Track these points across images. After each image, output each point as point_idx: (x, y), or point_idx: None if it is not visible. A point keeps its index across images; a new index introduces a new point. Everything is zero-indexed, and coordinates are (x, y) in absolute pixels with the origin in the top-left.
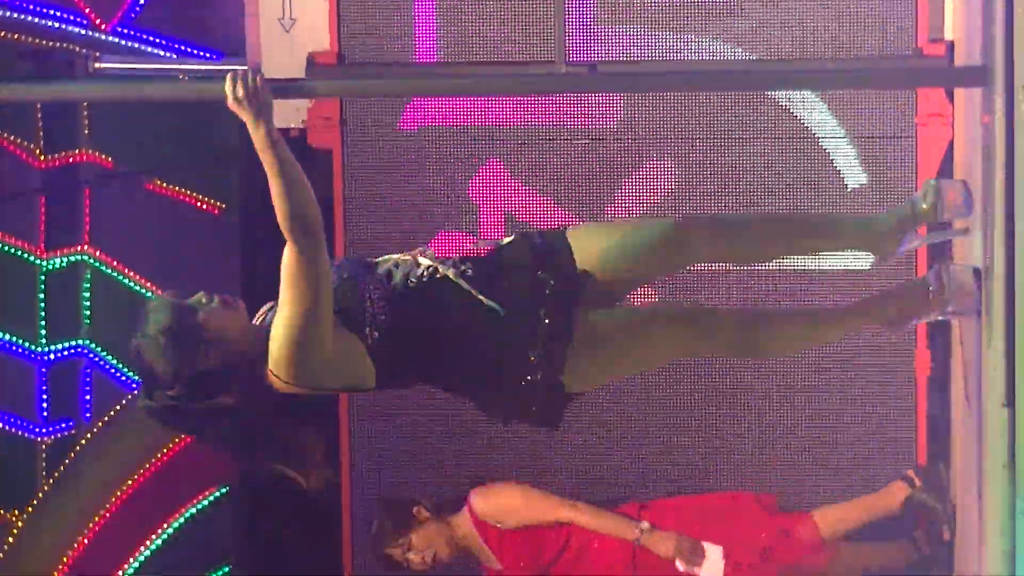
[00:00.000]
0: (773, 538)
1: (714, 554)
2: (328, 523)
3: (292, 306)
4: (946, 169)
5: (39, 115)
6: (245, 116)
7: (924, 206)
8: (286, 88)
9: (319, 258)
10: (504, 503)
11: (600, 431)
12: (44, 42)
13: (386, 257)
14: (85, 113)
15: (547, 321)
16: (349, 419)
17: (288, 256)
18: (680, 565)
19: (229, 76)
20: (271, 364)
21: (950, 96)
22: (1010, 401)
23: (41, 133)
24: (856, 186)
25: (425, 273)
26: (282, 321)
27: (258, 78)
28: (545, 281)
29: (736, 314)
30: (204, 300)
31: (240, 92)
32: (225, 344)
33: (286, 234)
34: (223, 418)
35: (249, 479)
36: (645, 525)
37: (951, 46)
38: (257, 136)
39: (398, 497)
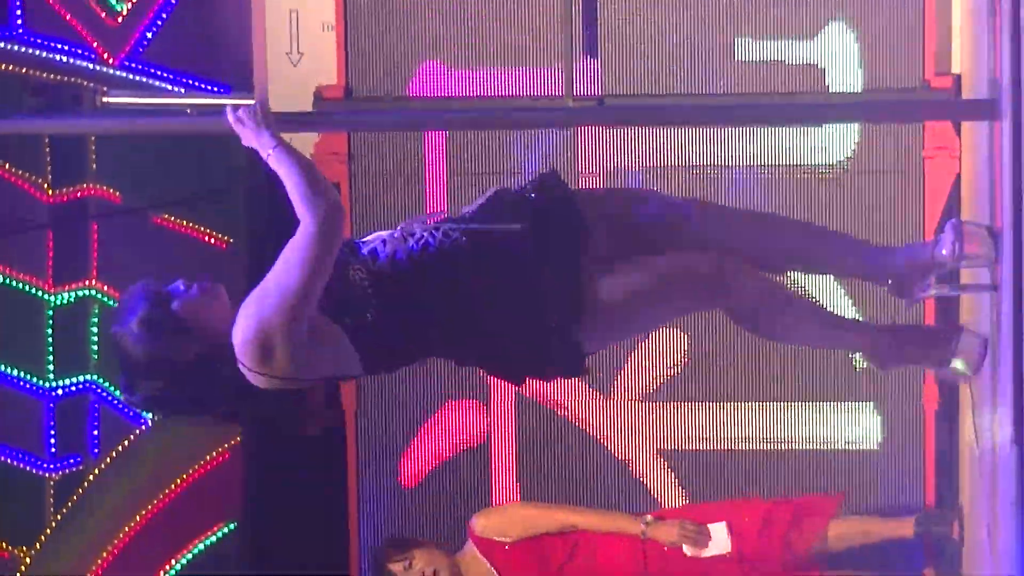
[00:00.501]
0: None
1: (719, 532)
2: (335, 560)
3: (286, 281)
4: (953, 202)
5: (47, 149)
6: (248, 131)
7: (944, 251)
8: (293, 122)
9: (335, 242)
10: (504, 516)
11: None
12: (52, 76)
13: (373, 235)
14: (93, 147)
15: (553, 283)
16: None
17: (303, 236)
18: (687, 550)
19: (229, 107)
20: (239, 348)
21: (957, 130)
22: (1019, 438)
23: (49, 167)
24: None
25: (416, 245)
26: (265, 297)
27: (257, 107)
28: (547, 241)
29: (763, 284)
30: (182, 287)
31: (240, 112)
32: (203, 331)
33: (311, 220)
34: (211, 392)
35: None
36: (648, 518)
37: (958, 79)
38: (263, 142)
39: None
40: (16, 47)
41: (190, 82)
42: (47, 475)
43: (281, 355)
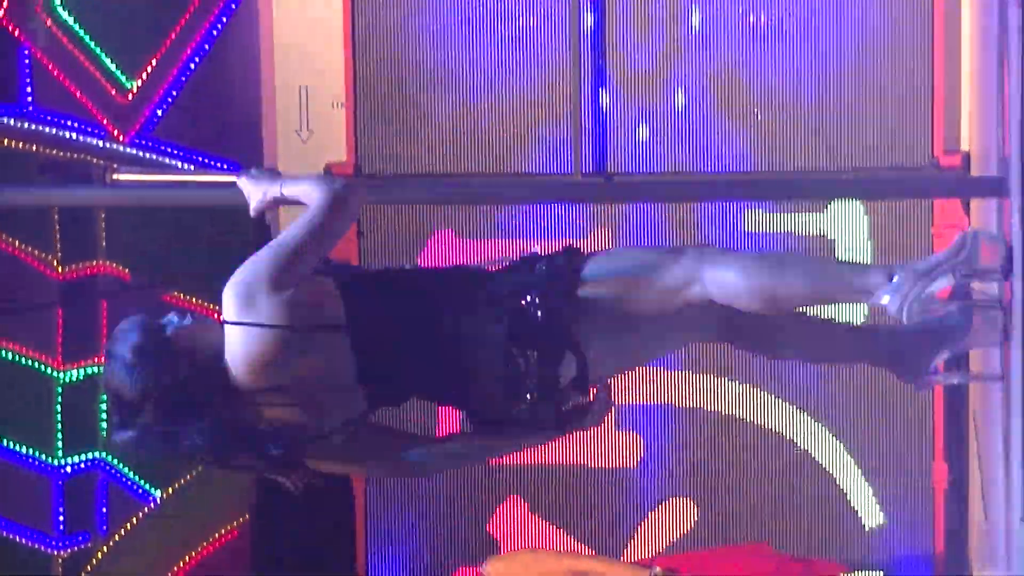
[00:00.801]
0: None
1: None
2: None
3: (285, 239)
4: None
5: (57, 227)
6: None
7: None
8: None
9: (345, 214)
10: (518, 560)
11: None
12: (62, 153)
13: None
14: (102, 225)
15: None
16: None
17: (313, 206)
18: None
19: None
20: (224, 293)
21: (966, 207)
22: None
23: (59, 245)
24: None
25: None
26: (263, 251)
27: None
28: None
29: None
30: (175, 319)
31: (253, 170)
32: (196, 356)
33: (322, 193)
34: (201, 432)
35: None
36: (657, 570)
37: (967, 157)
38: (278, 190)
39: None
40: (26, 124)
41: (200, 159)
42: (55, 552)
43: (264, 302)
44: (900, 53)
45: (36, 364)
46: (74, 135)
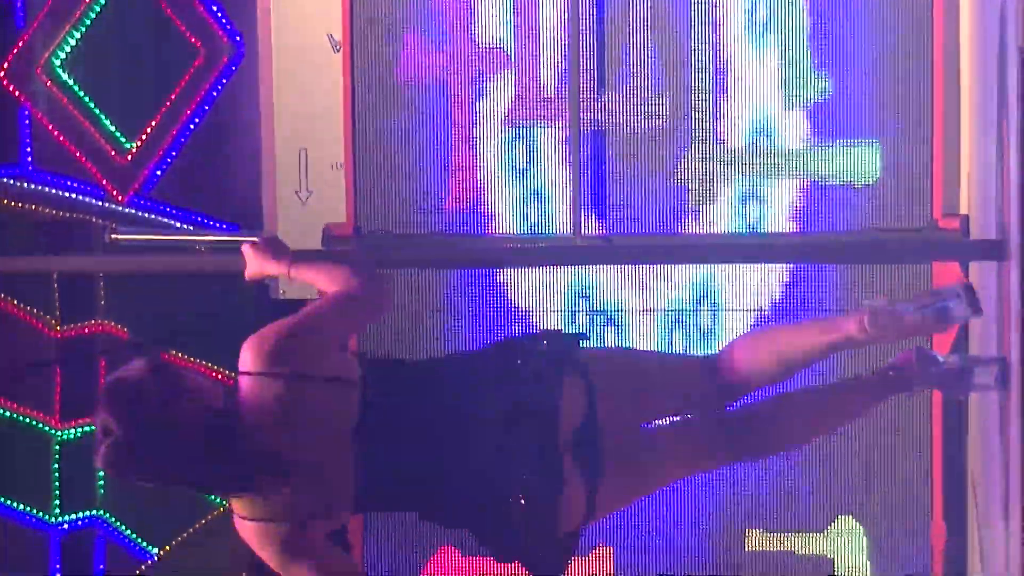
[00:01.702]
0: None
1: None
2: None
3: (308, 311)
4: (961, 341)
5: (55, 285)
6: (267, 265)
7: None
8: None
9: (373, 303)
10: None
11: None
12: (61, 213)
13: None
14: (101, 284)
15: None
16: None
17: (342, 289)
18: None
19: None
20: (242, 352)
21: (965, 270)
22: None
23: (57, 303)
24: None
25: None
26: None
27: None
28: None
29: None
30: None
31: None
32: (199, 392)
33: (352, 280)
34: (201, 458)
35: None
36: None
37: (966, 220)
38: (287, 270)
39: None
40: (25, 184)
41: (199, 220)
42: None
43: (270, 354)
44: (899, 116)
45: (34, 422)
46: (73, 195)
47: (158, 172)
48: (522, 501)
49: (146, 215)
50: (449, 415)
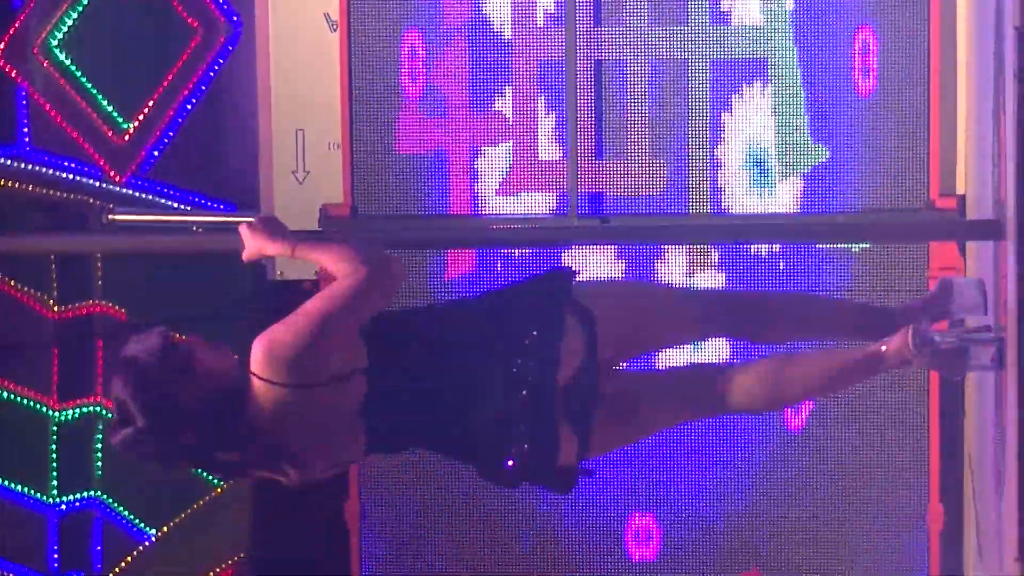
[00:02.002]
0: None
1: None
2: None
3: (316, 307)
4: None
5: (53, 267)
6: (266, 246)
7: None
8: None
9: (380, 289)
10: None
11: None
12: (59, 194)
13: None
14: (99, 265)
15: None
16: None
17: (349, 276)
18: None
19: (241, 227)
20: (252, 352)
21: (962, 250)
22: None
23: (55, 285)
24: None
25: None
26: (293, 316)
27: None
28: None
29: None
30: (199, 340)
31: (254, 220)
32: (209, 380)
33: (359, 265)
34: (207, 436)
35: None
36: None
37: (963, 200)
38: (290, 251)
39: None
40: (23, 164)
41: (196, 200)
42: None
43: (286, 369)
44: (895, 97)
45: (31, 403)
46: (71, 176)
47: (155, 153)
48: (525, 446)
49: (143, 195)
50: (453, 358)
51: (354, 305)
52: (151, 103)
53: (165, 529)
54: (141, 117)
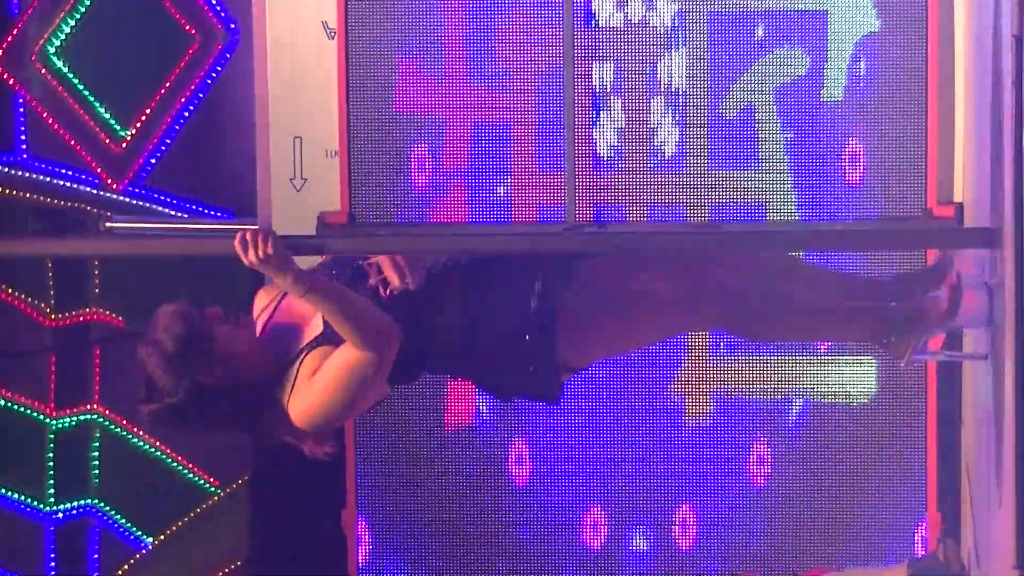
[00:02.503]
0: None
1: None
2: None
3: (333, 396)
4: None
5: (50, 273)
6: (266, 272)
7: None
8: (296, 245)
9: (382, 368)
10: None
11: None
12: (56, 201)
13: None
14: (96, 272)
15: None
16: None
17: (350, 355)
18: None
19: (238, 241)
20: (296, 420)
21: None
22: (1021, 563)
23: (52, 292)
24: None
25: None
26: (315, 405)
27: (269, 241)
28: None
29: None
30: (220, 315)
31: (252, 258)
32: (232, 363)
33: (359, 348)
34: (221, 406)
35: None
36: None
37: (960, 208)
38: (287, 288)
39: None
40: (20, 172)
41: (194, 207)
42: None
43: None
44: (894, 104)
45: (28, 410)
46: (68, 183)
47: (152, 160)
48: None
49: (141, 203)
50: (459, 296)
51: (367, 388)
52: (148, 110)
53: (162, 537)
54: (138, 124)
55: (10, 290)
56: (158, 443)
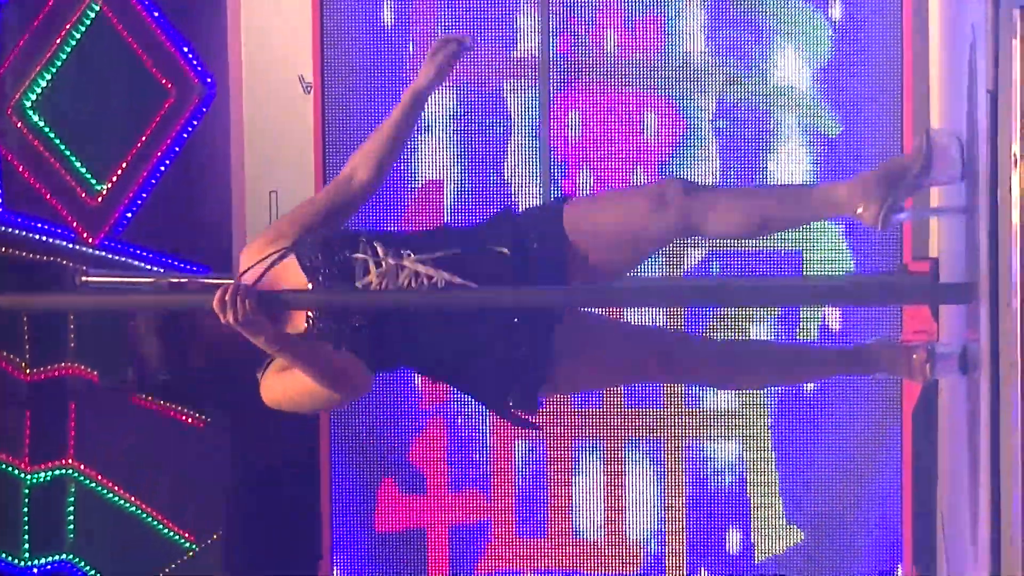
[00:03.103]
0: None
1: None
2: None
3: (297, 400)
4: (932, 384)
5: (26, 328)
6: (240, 331)
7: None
8: (270, 300)
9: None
10: None
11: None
12: (32, 255)
13: (362, 257)
14: (71, 326)
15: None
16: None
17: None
18: None
19: (217, 302)
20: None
21: (935, 313)
22: None
23: (27, 346)
24: None
25: (409, 282)
26: (280, 399)
27: (248, 302)
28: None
29: (718, 350)
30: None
31: (231, 318)
32: (214, 348)
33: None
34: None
35: None
36: None
37: (935, 263)
38: (261, 347)
39: None
40: None
41: (170, 262)
42: None
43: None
44: (868, 160)
45: (3, 465)
46: (44, 237)
47: (129, 214)
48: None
49: (117, 257)
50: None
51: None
52: (125, 164)
53: None
54: (115, 178)
55: None
56: (134, 498)
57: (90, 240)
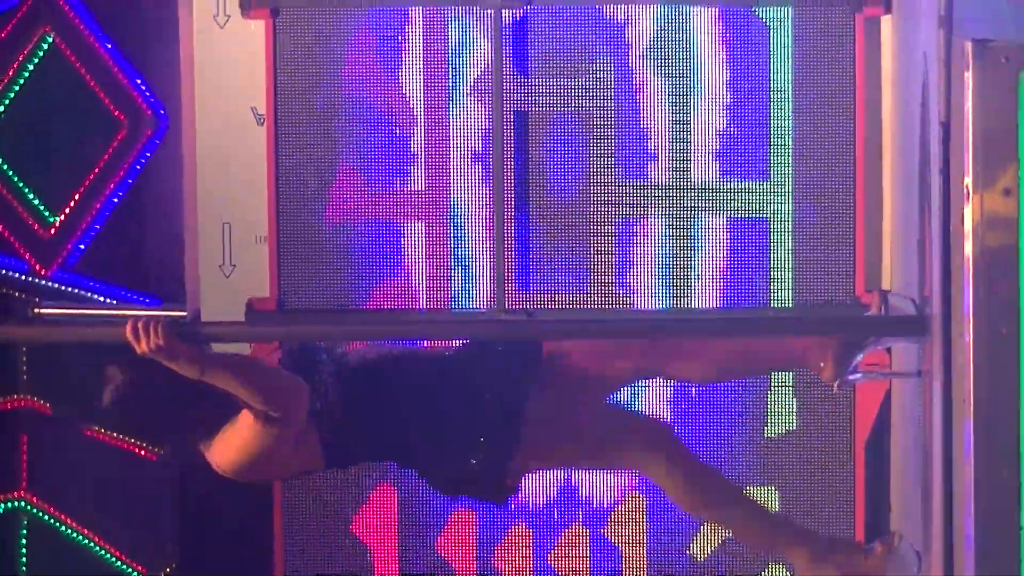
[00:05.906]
0: None
1: None
2: None
3: (239, 455)
4: (884, 417)
5: None
6: (157, 359)
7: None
8: (221, 333)
9: (292, 423)
10: None
11: None
12: None
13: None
14: (23, 358)
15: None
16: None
17: (256, 414)
18: None
19: (129, 332)
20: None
21: (887, 347)
22: None
23: None
24: None
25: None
26: (224, 460)
27: (158, 331)
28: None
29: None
30: None
31: (144, 348)
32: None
33: (265, 407)
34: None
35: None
36: None
37: (886, 296)
38: (181, 371)
39: None
40: None
41: (123, 294)
42: None
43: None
44: (822, 193)
45: None
46: None
47: (82, 246)
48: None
49: (70, 289)
50: (412, 405)
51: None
52: (77, 196)
53: None
54: (67, 210)
55: None
56: (87, 531)
57: (43, 272)
